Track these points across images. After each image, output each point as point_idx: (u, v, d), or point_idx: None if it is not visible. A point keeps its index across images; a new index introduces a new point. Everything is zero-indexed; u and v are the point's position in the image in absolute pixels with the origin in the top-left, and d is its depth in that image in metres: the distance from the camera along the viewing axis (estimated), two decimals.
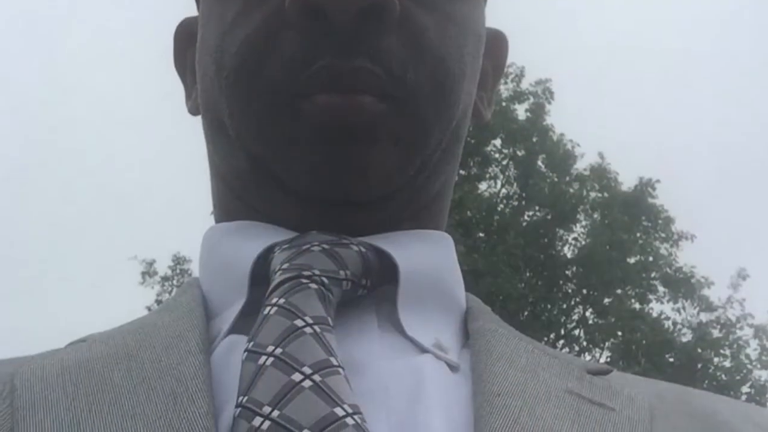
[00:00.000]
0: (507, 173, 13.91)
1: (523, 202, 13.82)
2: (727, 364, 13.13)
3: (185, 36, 0.73)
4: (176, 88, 0.75)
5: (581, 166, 13.82)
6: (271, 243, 0.60)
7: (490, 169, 13.80)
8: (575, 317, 13.74)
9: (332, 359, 0.51)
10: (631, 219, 13.19)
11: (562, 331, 13.55)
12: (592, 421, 0.54)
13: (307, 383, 0.49)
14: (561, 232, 13.66)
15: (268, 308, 0.54)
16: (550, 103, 13.68)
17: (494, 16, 0.74)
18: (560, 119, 13.96)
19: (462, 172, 12.44)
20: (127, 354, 0.55)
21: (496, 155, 13.86)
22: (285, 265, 0.57)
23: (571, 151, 13.75)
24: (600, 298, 13.36)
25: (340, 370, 0.51)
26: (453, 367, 0.58)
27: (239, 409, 0.48)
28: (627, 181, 13.63)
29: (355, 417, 0.48)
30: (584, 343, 13.49)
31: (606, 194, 13.57)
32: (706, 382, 12.44)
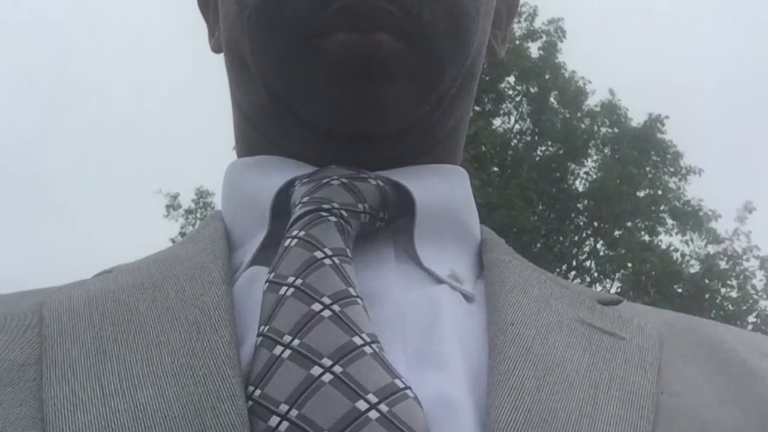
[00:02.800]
0: (520, 109, 13.90)
1: (536, 138, 13.81)
2: (734, 294, 13.26)
3: None
4: (203, 23, 0.76)
5: (592, 102, 13.88)
6: (291, 177, 0.61)
7: (504, 106, 13.79)
8: (586, 249, 13.79)
9: (350, 290, 0.52)
10: (641, 154, 13.23)
11: (574, 263, 13.60)
12: (603, 350, 0.55)
13: (327, 313, 0.50)
14: (573, 166, 13.67)
15: (289, 240, 0.55)
16: (562, 41, 13.74)
17: None
18: (572, 57, 14.02)
19: (477, 108, 12.40)
20: (151, 284, 0.56)
21: (510, 92, 13.86)
22: (305, 199, 0.58)
23: (582, 88, 13.78)
24: (610, 231, 13.38)
25: (358, 300, 0.51)
26: (468, 298, 0.59)
27: (260, 338, 0.49)
28: (637, 117, 13.71)
29: (373, 346, 0.49)
30: (595, 275, 13.55)
31: (616, 130, 13.58)
32: (714, 312, 12.50)
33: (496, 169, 13.10)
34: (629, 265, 12.96)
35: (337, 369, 0.47)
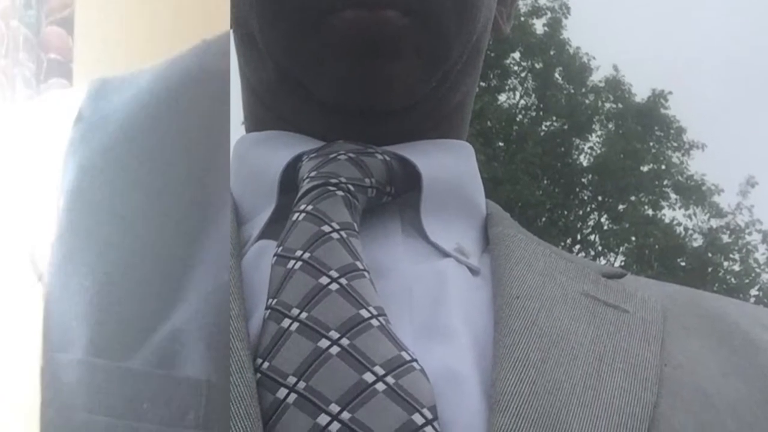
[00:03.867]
0: (525, 85, 13.88)
1: (541, 113, 13.79)
2: (737, 268, 13.30)
3: None
4: None
5: (596, 78, 13.85)
6: (299, 152, 0.61)
7: (509, 81, 13.77)
8: (591, 223, 13.79)
9: (358, 263, 0.52)
10: (645, 129, 13.25)
11: (578, 237, 13.60)
12: (607, 323, 0.55)
13: (334, 286, 0.50)
14: (577, 141, 13.67)
15: (297, 214, 0.55)
16: (566, 17, 13.71)
17: None
18: (576, 33, 13.98)
19: (482, 83, 12.38)
20: None
21: (515, 68, 13.84)
22: (313, 173, 0.58)
23: (586, 64, 13.75)
24: (615, 205, 13.39)
25: (366, 273, 0.52)
26: (474, 271, 0.59)
27: (269, 311, 0.49)
28: (640, 93, 13.72)
29: (380, 318, 0.49)
30: (599, 248, 13.55)
31: (620, 105, 13.59)
32: (716, 285, 12.52)
33: (501, 144, 13.09)
34: (633, 238, 12.98)
35: (345, 341, 0.47)
